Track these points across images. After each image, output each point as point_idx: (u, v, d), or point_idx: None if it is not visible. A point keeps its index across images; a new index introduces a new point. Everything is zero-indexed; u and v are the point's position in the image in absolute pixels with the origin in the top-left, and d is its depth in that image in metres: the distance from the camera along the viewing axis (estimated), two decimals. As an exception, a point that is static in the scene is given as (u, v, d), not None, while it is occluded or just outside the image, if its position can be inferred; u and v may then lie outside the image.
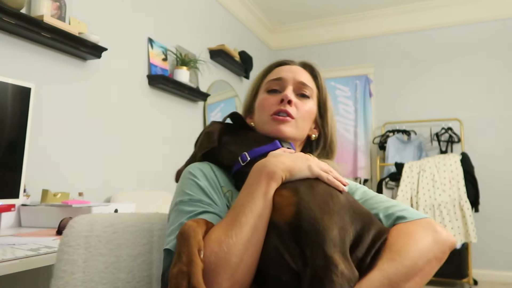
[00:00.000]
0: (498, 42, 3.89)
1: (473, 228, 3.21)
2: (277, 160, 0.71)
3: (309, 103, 0.92)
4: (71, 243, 0.79)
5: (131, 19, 2.54)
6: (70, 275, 0.76)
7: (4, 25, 1.69)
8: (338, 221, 0.64)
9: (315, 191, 0.68)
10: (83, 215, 0.85)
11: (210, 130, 0.85)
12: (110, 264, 0.81)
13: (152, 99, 2.71)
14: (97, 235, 0.82)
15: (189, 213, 0.73)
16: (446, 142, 3.89)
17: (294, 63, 0.97)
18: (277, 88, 0.91)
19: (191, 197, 0.76)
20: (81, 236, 0.80)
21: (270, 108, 0.88)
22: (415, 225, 0.73)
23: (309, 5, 4.18)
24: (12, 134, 1.40)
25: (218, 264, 0.62)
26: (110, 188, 2.29)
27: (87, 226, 0.82)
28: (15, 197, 1.40)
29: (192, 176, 0.79)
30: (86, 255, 0.79)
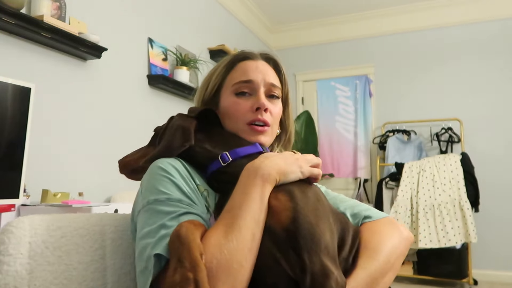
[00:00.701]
0: (498, 42, 3.89)
1: (473, 228, 3.21)
2: (271, 162, 0.70)
3: (279, 104, 0.90)
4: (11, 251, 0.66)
5: (131, 19, 2.54)
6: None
7: (4, 25, 1.69)
8: (328, 226, 0.66)
9: (307, 195, 0.68)
10: (23, 217, 0.72)
11: (185, 126, 0.78)
12: (59, 274, 0.71)
13: (152, 99, 2.71)
14: (43, 240, 0.70)
15: (170, 214, 0.67)
16: (446, 142, 3.89)
17: (257, 58, 0.91)
18: (247, 91, 0.86)
19: (169, 196, 0.70)
20: (23, 242, 0.68)
21: (244, 115, 0.84)
22: (382, 224, 0.79)
23: (309, 5, 4.18)
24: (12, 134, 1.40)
25: (219, 270, 0.59)
26: (110, 188, 2.29)
27: (30, 231, 0.69)
28: (15, 197, 1.40)
29: (165, 173, 0.72)
30: (31, 265, 0.67)
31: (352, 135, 4.34)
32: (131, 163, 0.87)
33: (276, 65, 0.93)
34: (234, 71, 0.89)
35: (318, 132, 4.39)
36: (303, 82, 4.66)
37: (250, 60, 0.90)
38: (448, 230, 3.25)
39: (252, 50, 0.94)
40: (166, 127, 0.83)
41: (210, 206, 0.75)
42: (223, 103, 0.88)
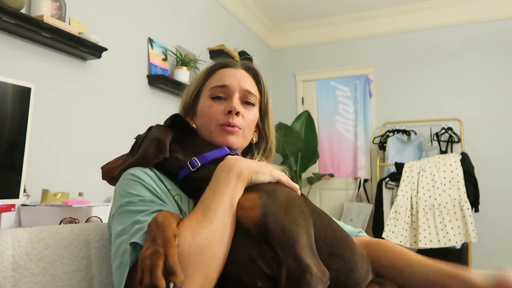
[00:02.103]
0: (498, 42, 3.89)
1: (473, 228, 3.21)
2: (243, 162, 0.73)
3: (254, 110, 0.93)
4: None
5: (131, 19, 2.54)
6: None
7: (4, 25, 1.69)
8: (302, 220, 0.67)
9: (278, 193, 0.70)
10: (5, 230, 0.73)
11: (160, 138, 0.81)
12: (45, 284, 0.71)
13: (152, 99, 2.71)
14: (26, 252, 0.70)
15: (143, 212, 0.69)
16: (446, 142, 3.89)
17: (237, 66, 0.96)
18: (222, 95, 0.91)
19: (142, 198, 0.72)
20: (6, 255, 0.68)
21: (216, 117, 0.88)
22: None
23: (309, 5, 4.18)
24: (12, 134, 1.40)
25: (192, 254, 0.61)
26: (110, 188, 2.27)
27: (13, 244, 0.70)
28: (15, 197, 1.40)
29: (136, 178, 0.76)
30: (14, 277, 0.67)
31: (352, 135, 4.34)
32: (111, 171, 0.90)
33: (255, 74, 0.97)
34: (212, 77, 0.94)
35: (318, 132, 4.39)
36: (303, 82, 4.66)
37: (230, 68, 0.95)
38: (448, 230, 3.25)
39: (234, 60, 0.99)
40: (144, 137, 0.86)
41: (183, 210, 0.77)
42: (199, 106, 0.93)
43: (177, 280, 0.54)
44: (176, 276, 0.54)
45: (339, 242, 0.72)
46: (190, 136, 0.87)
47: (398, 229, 3.38)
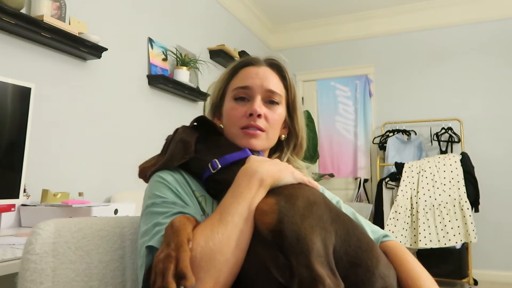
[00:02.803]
0: (498, 42, 3.89)
1: (473, 228, 3.21)
2: (266, 168, 0.72)
3: (278, 110, 0.90)
4: (37, 251, 0.73)
5: (131, 19, 2.54)
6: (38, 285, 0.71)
7: (4, 25, 1.69)
8: (319, 228, 0.64)
9: (297, 198, 0.68)
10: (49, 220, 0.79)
11: (186, 140, 0.83)
12: (81, 271, 0.77)
13: (152, 99, 2.71)
14: (66, 241, 0.76)
15: (164, 214, 0.72)
16: (446, 142, 3.89)
17: (261, 64, 0.93)
18: (245, 96, 0.89)
19: (164, 199, 0.75)
20: (48, 242, 0.74)
21: (239, 120, 0.87)
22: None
23: (309, 5, 4.18)
24: (12, 134, 1.40)
25: (203, 258, 0.62)
26: (110, 188, 2.29)
27: (55, 232, 0.76)
28: (15, 197, 1.40)
29: (163, 180, 0.79)
30: (54, 263, 0.74)
31: (352, 135, 4.34)
32: (145, 170, 0.91)
33: (280, 70, 0.93)
34: (235, 77, 0.92)
35: (318, 132, 4.39)
36: (303, 82, 4.66)
37: (253, 66, 0.92)
38: (448, 230, 3.25)
39: (258, 56, 0.95)
40: (172, 138, 0.88)
41: (206, 211, 0.78)
42: (224, 107, 0.92)
43: (188, 283, 0.56)
44: (186, 280, 0.56)
45: (363, 251, 0.68)
46: (215, 137, 0.87)
47: (398, 229, 3.38)
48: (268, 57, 0.94)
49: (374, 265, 0.67)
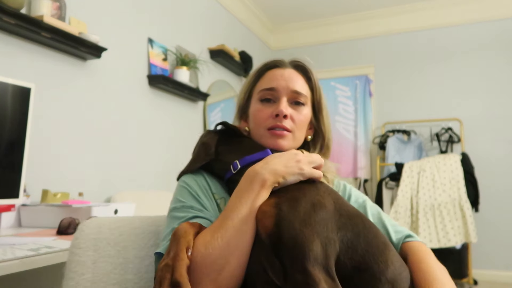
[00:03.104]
0: (498, 42, 3.89)
1: (473, 228, 3.21)
2: (269, 167, 0.72)
3: (304, 111, 0.91)
4: (81, 245, 0.83)
5: (131, 19, 2.54)
6: (80, 275, 0.81)
7: (4, 25, 1.69)
8: (321, 232, 0.63)
9: (300, 201, 0.67)
10: (92, 219, 0.88)
11: (207, 142, 0.86)
12: (118, 265, 0.84)
13: (152, 99, 2.71)
14: (105, 237, 0.85)
15: (181, 219, 0.76)
16: (446, 142, 3.89)
17: (286, 66, 0.94)
18: (271, 98, 0.90)
19: (183, 203, 0.79)
20: (90, 238, 0.84)
21: (265, 121, 0.88)
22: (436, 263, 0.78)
23: (309, 5, 4.18)
24: (12, 134, 1.40)
25: (203, 264, 0.64)
26: (110, 188, 2.29)
27: (95, 229, 0.85)
28: (15, 197, 1.40)
29: (185, 184, 0.83)
30: (95, 256, 0.82)
31: (352, 135, 4.34)
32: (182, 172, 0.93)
33: (305, 72, 0.94)
34: (261, 79, 0.94)
35: (318, 132, 4.38)
36: (303, 82, 4.65)
37: (278, 68, 0.93)
38: (448, 230, 3.25)
39: (283, 59, 0.96)
40: (197, 143, 0.92)
41: None
42: (251, 109, 0.94)
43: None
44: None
45: (371, 255, 0.66)
46: (238, 139, 0.88)
47: (398, 229, 3.38)
48: (293, 59, 0.96)
49: (382, 270, 0.65)
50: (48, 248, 1.11)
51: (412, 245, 0.80)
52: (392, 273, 0.66)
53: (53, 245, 1.15)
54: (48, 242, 1.22)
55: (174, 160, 2.86)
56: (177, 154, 2.91)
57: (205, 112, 3.31)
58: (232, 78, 3.85)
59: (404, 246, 0.80)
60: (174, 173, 0.95)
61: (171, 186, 2.76)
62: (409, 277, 0.70)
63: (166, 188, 2.73)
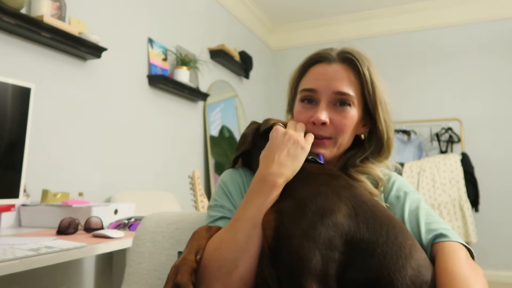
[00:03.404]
0: (498, 42, 3.88)
1: (473, 228, 3.21)
2: (278, 168, 0.70)
3: (350, 112, 0.82)
4: (141, 238, 0.92)
5: (131, 19, 2.54)
6: (138, 264, 0.90)
7: (4, 25, 1.69)
8: (324, 244, 0.59)
9: (304, 210, 0.63)
10: (154, 213, 0.98)
11: (246, 133, 0.85)
12: (171, 257, 0.90)
13: (152, 99, 2.71)
14: (162, 231, 0.93)
15: (211, 218, 0.79)
16: (446, 142, 3.89)
17: (332, 60, 0.84)
18: (311, 99, 0.83)
19: (217, 202, 0.81)
20: (149, 231, 0.93)
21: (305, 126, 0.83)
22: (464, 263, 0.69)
23: (309, 5, 4.18)
24: (12, 134, 1.40)
25: (212, 267, 0.65)
26: (110, 188, 2.29)
27: (155, 223, 0.94)
28: (15, 197, 1.40)
29: (222, 182, 0.84)
30: (151, 248, 0.92)
31: (352, 135, 4.34)
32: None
33: (354, 65, 0.84)
34: (305, 76, 0.86)
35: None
36: (303, 82, 4.65)
37: (323, 63, 0.84)
38: (448, 230, 3.25)
39: (331, 50, 0.87)
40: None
41: None
42: (294, 108, 0.88)
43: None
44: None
45: (384, 268, 0.60)
46: None
47: (398, 229, 3.38)
48: (342, 50, 0.86)
49: (397, 284, 0.59)
50: (48, 248, 1.11)
51: (441, 247, 0.71)
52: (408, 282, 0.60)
53: (53, 245, 1.15)
54: (48, 242, 1.22)
55: (174, 160, 2.86)
56: (177, 154, 2.91)
57: (205, 112, 3.31)
58: (232, 78, 3.85)
59: (434, 247, 0.72)
60: (174, 173, 0.97)
61: (171, 186, 2.76)
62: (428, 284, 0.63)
63: (166, 188, 2.73)
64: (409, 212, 0.78)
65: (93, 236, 1.37)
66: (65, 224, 1.43)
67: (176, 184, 2.83)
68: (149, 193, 2.53)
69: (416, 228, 0.75)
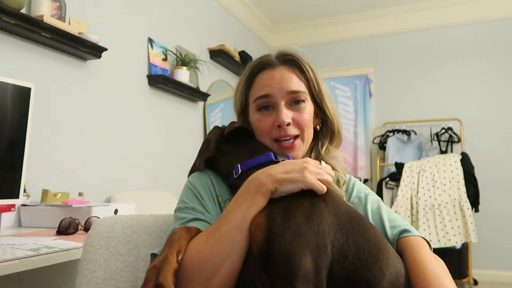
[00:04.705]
0: (498, 42, 3.89)
1: (473, 228, 3.21)
2: (268, 173, 0.69)
3: (306, 108, 0.85)
4: (94, 243, 0.85)
5: (131, 19, 2.54)
6: (92, 273, 0.82)
7: (4, 25, 1.69)
8: (312, 241, 0.60)
9: (291, 211, 0.64)
10: (106, 217, 0.90)
11: (208, 138, 0.84)
12: (129, 263, 0.85)
13: (152, 99, 2.71)
14: (117, 235, 0.86)
15: (181, 220, 0.75)
16: (446, 142, 3.89)
17: (275, 64, 0.86)
18: (268, 105, 0.84)
19: (186, 204, 0.78)
20: (102, 237, 0.85)
21: (269, 132, 0.83)
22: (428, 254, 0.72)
23: (309, 5, 4.18)
24: (12, 134, 1.40)
25: (192, 270, 0.64)
26: (110, 188, 2.29)
27: (108, 227, 0.87)
28: (15, 197, 1.40)
29: (190, 185, 0.82)
30: (106, 254, 0.84)
31: (352, 135, 4.34)
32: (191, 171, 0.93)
33: (296, 64, 0.86)
34: (253, 86, 0.88)
35: (318, 132, 4.39)
36: (303, 82, 4.65)
37: (267, 70, 0.86)
38: (448, 230, 3.25)
39: (270, 54, 0.89)
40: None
41: None
42: (250, 118, 0.89)
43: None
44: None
45: (363, 265, 0.62)
46: (245, 139, 0.85)
47: (398, 229, 3.38)
48: (281, 53, 0.88)
49: (378, 279, 0.61)
50: (48, 248, 1.11)
51: (407, 241, 0.74)
52: (389, 281, 0.62)
53: (53, 245, 1.15)
54: (48, 242, 1.22)
55: (174, 160, 2.86)
56: (177, 154, 2.91)
57: (205, 112, 3.31)
58: (232, 78, 3.85)
59: (399, 242, 0.75)
60: (174, 173, 0.96)
61: (171, 186, 2.76)
62: (407, 280, 0.66)
63: (166, 188, 2.73)
64: (371, 211, 0.82)
65: (93, 236, 1.37)
66: (65, 224, 1.43)
67: (176, 184, 2.83)
68: (149, 193, 2.53)
69: (380, 225, 0.79)
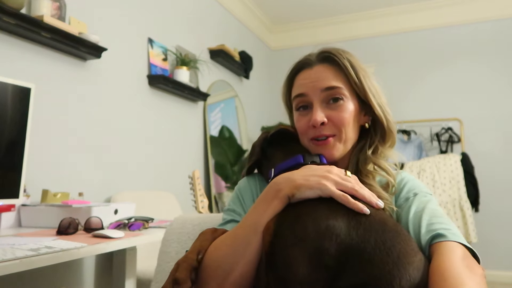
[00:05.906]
0: (498, 42, 3.89)
1: (473, 228, 3.21)
2: (288, 178, 0.69)
3: (345, 105, 0.82)
4: (168, 238, 0.99)
5: (131, 19, 2.54)
6: (165, 263, 0.96)
7: (4, 25, 1.69)
8: (314, 249, 0.59)
9: (301, 216, 0.63)
10: (181, 215, 1.03)
11: (254, 144, 0.89)
12: None
13: (152, 99, 2.71)
14: (187, 232, 0.99)
15: (222, 220, 0.83)
16: (446, 142, 3.89)
17: (312, 64, 0.85)
18: (305, 104, 0.84)
19: (229, 206, 0.86)
20: (175, 232, 0.99)
21: (306, 132, 0.83)
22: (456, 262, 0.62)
23: (309, 5, 4.18)
24: (12, 134, 1.40)
25: (210, 268, 0.68)
26: (110, 188, 2.29)
27: (180, 224, 1.00)
28: (15, 197, 1.40)
29: (237, 188, 0.89)
30: (177, 248, 0.98)
31: (352, 135, 4.34)
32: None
33: (333, 61, 0.84)
34: (293, 86, 0.89)
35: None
36: (303, 82, 4.65)
37: (305, 69, 0.86)
38: (448, 230, 3.25)
39: (310, 55, 0.88)
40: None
41: None
42: (294, 119, 0.90)
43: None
44: (179, 286, 0.64)
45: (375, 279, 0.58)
46: (286, 143, 0.86)
47: (398, 229, 3.39)
48: (319, 51, 0.87)
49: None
50: (48, 248, 1.11)
51: (437, 247, 0.66)
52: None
53: (53, 245, 1.15)
54: (48, 242, 1.22)
55: (174, 160, 2.86)
56: (177, 154, 2.91)
57: (205, 112, 3.31)
58: (232, 78, 3.85)
59: (431, 248, 0.67)
60: (174, 173, 0.98)
61: (171, 186, 2.76)
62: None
63: (166, 188, 2.73)
64: (414, 213, 0.75)
65: (93, 236, 1.37)
66: (65, 224, 1.43)
67: (176, 184, 2.83)
68: (149, 193, 2.53)
69: (417, 229, 0.71)
